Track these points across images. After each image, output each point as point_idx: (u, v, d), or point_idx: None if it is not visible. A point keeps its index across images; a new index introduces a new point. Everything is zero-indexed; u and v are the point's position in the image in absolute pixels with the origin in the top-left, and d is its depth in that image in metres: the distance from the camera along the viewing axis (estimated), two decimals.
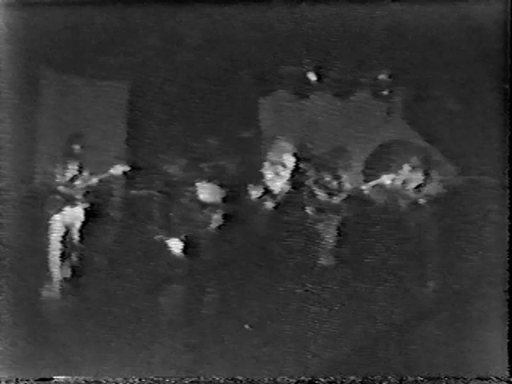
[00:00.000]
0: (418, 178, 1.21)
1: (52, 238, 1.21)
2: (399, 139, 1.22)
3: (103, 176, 1.22)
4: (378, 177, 1.22)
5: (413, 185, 1.21)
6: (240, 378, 1.18)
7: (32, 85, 1.22)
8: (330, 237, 1.21)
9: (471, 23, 1.22)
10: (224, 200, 1.22)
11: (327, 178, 1.22)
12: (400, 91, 1.22)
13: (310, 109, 1.22)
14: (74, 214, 1.21)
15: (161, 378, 1.19)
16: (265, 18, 1.23)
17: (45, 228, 1.21)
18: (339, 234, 1.21)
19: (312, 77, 1.23)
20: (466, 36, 1.22)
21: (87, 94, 1.22)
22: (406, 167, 1.22)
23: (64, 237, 1.21)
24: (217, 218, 1.21)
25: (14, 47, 1.23)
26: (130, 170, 1.22)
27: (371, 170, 1.22)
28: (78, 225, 1.21)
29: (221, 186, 1.22)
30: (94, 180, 1.22)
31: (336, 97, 1.22)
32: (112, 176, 1.22)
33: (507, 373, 1.18)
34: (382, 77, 1.22)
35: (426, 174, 1.22)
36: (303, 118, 1.22)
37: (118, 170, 1.22)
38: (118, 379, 1.19)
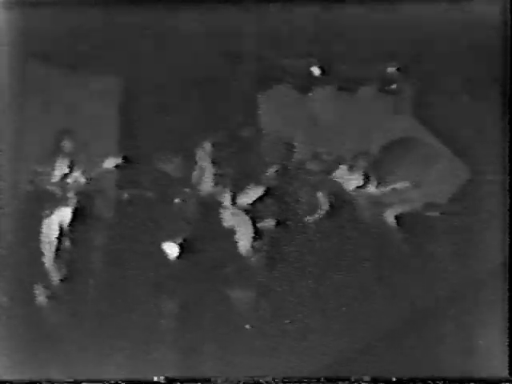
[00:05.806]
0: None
1: (45, 238, 1.18)
2: (408, 136, 1.16)
3: (95, 174, 1.18)
4: (385, 178, 1.17)
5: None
6: (241, 378, 1.20)
7: (22, 81, 1.17)
8: (333, 236, 1.18)
9: (475, 20, 1.15)
10: (224, 199, 1.18)
11: (330, 177, 1.17)
12: (409, 85, 1.15)
13: (313, 104, 1.16)
14: (66, 214, 1.18)
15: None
16: (266, 11, 1.15)
17: (37, 229, 1.18)
18: (341, 235, 1.18)
19: (315, 71, 1.15)
20: (471, 33, 1.15)
21: (79, 89, 1.17)
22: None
23: (57, 237, 1.18)
24: (216, 219, 1.18)
25: (8, 43, 1.16)
26: (122, 168, 1.17)
27: (378, 169, 1.17)
28: (69, 224, 1.18)
29: (221, 185, 1.18)
30: (85, 179, 1.18)
31: (341, 91, 1.16)
32: (104, 174, 1.18)
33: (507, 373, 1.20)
34: (390, 70, 1.15)
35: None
36: (306, 113, 1.16)
37: (111, 167, 1.17)
38: (117, 379, 1.20)
